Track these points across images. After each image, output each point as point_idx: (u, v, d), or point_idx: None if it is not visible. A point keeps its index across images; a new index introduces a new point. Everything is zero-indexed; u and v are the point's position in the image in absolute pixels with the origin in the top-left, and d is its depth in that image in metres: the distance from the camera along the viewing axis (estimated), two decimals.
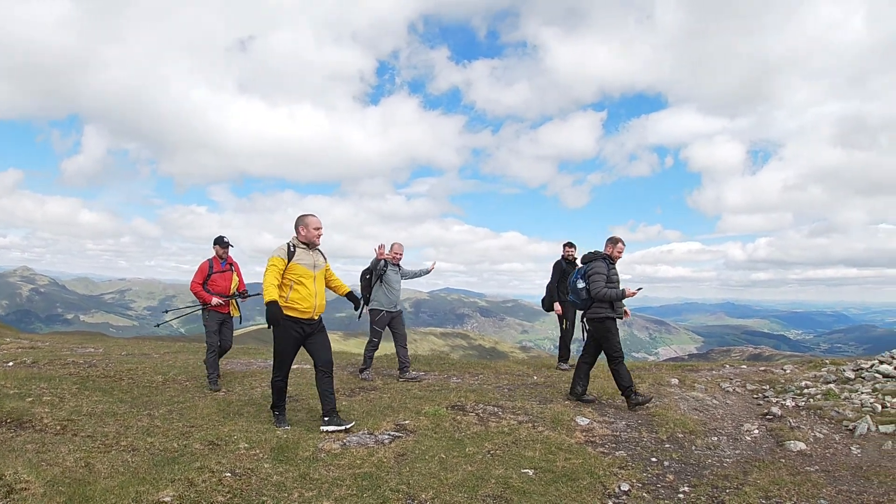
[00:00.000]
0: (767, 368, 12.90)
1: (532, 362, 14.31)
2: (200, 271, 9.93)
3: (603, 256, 9.08)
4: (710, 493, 5.70)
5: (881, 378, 10.21)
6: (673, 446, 7.16)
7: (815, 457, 6.98)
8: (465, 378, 10.93)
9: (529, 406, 8.51)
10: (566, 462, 6.27)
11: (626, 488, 5.75)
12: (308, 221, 7.28)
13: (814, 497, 5.65)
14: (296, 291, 7.09)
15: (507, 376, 11.21)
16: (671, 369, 12.76)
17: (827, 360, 12.62)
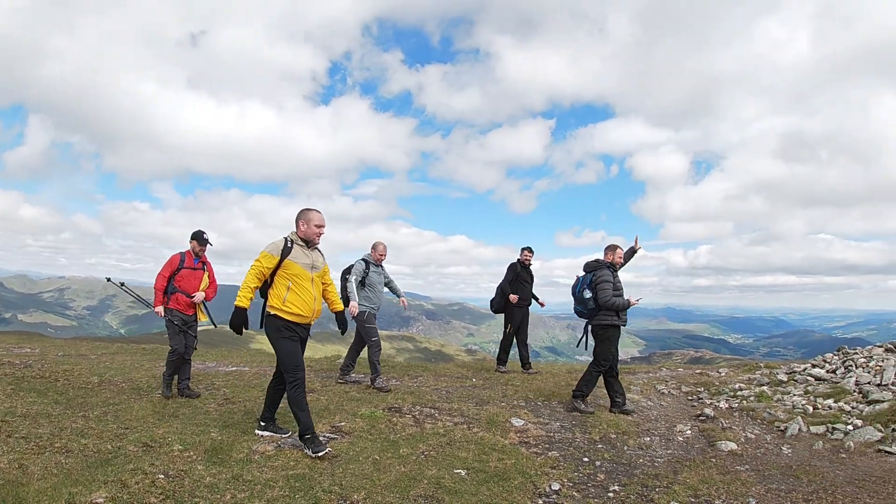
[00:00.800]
0: (703, 371, 13.16)
1: (473, 365, 14.41)
2: (169, 264, 8.98)
3: (607, 265, 9.09)
4: (640, 492, 5.79)
5: (813, 381, 10.52)
6: (605, 446, 7.26)
7: (746, 456, 7.14)
8: (405, 380, 10.93)
9: (466, 408, 8.55)
10: (499, 462, 6.31)
11: (556, 487, 5.79)
12: (310, 216, 6.59)
13: (743, 495, 5.77)
14: (293, 293, 6.43)
15: (447, 379, 11.25)
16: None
17: (761, 364, 12.92)
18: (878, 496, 5.80)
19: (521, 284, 11.95)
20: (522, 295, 11.94)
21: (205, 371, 11.36)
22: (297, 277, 6.44)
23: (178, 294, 8.94)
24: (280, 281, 6.44)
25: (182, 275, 8.96)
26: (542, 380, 11.21)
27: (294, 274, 6.43)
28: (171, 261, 9.00)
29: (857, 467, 6.72)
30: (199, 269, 9.15)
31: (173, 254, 9.14)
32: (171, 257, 9.07)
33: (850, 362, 10.88)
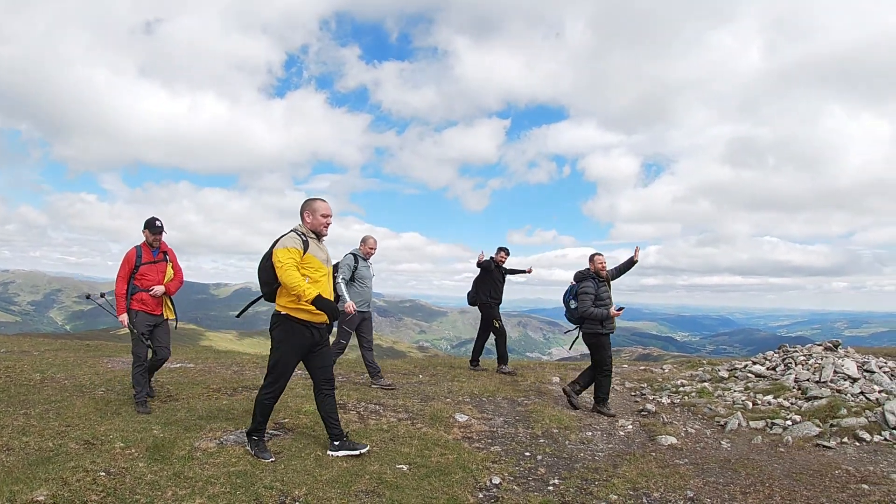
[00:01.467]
0: (647, 368, 13.36)
1: (422, 361, 14.41)
2: (125, 262, 7.97)
3: (591, 276, 9.28)
4: (580, 485, 5.87)
5: (753, 377, 10.79)
6: (547, 441, 7.35)
7: (686, 450, 7.30)
8: (351, 377, 10.91)
9: (411, 404, 8.57)
10: (441, 457, 6.35)
11: (497, 481, 5.83)
12: (315, 206, 6.22)
13: (681, 488, 5.87)
14: (317, 285, 6.03)
15: (393, 375, 11.26)
16: (555, 368, 13.11)
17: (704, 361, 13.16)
18: (814, 489, 5.95)
19: (495, 283, 11.97)
20: (495, 293, 11.91)
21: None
22: (316, 272, 6.08)
23: (142, 294, 7.98)
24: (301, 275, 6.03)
25: (142, 272, 8.00)
26: (487, 376, 11.29)
27: (315, 269, 6.08)
28: (127, 258, 8.00)
29: (795, 461, 6.90)
30: (160, 262, 8.18)
31: (128, 250, 8.11)
32: (127, 254, 8.04)
33: (790, 360, 11.19)
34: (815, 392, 9.20)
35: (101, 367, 10.57)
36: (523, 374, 11.58)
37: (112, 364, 11.50)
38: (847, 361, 10.28)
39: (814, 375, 9.96)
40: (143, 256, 8.03)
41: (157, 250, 8.17)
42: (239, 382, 9.82)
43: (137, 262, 7.98)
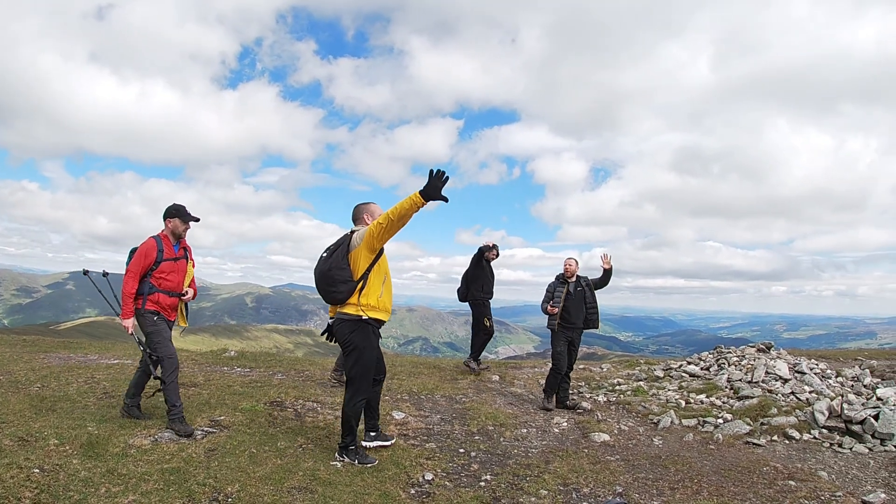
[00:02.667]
0: (587, 367, 13.55)
1: None
2: (142, 255, 6.58)
3: (557, 276, 10.04)
4: (511, 481, 5.97)
5: (688, 377, 11.08)
6: (482, 438, 7.45)
7: (618, 447, 7.48)
8: (291, 374, 10.82)
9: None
10: (375, 454, 6.41)
11: (429, 477, 5.91)
12: (373, 209, 6.31)
13: (610, 483, 6.04)
14: (387, 289, 6.23)
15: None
16: (496, 366, 13.22)
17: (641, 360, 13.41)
18: (742, 485, 6.15)
19: (486, 279, 11.98)
20: (487, 289, 11.94)
21: (86, 364, 10.91)
22: (387, 273, 6.24)
23: (159, 294, 6.71)
24: (376, 277, 6.09)
25: (162, 269, 6.68)
26: (427, 374, 11.34)
27: (386, 269, 6.22)
28: (145, 251, 6.61)
29: (725, 458, 7.12)
30: (181, 259, 6.90)
31: (144, 240, 6.74)
32: (144, 246, 6.64)
33: (724, 361, 11.55)
34: (747, 392, 9.47)
35: (38, 363, 10.35)
36: (463, 372, 11.65)
37: (49, 360, 11.26)
38: (779, 363, 10.59)
39: (746, 376, 10.25)
40: (164, 251, 6.70)
41: (178, 245, 6.90)
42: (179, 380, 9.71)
43: (158, 257, 6.65)
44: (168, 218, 6.78)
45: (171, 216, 6.77)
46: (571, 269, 9.84)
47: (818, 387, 9.75)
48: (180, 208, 6.81)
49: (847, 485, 6.50)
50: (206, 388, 9.05)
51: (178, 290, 6.85)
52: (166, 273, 6.68)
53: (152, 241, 6.65)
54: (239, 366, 11.08)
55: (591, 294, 9.87)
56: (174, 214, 6.77)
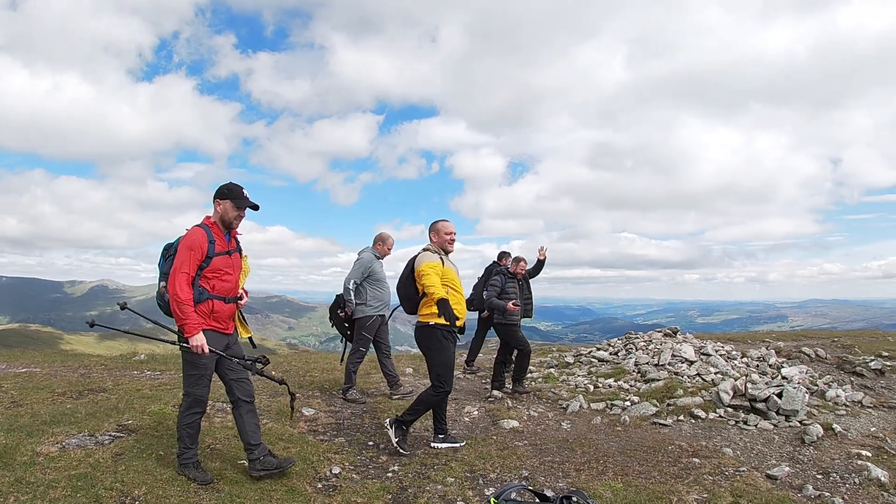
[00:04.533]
0: None
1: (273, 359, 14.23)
2: (192, 247, 5.16)
3: (502, 272, 10.22)
4: (419, 470, 6.06)
5: (597, 362, 11.42)
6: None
7: (527, 433, 7.64)
8: None
9: (258, 400, 8.37)
10: (284, 451, 6.37)
11: (336, 471, 5.93)
12: (439, 227, 6.97)
13: (517, 468, 6.19)
14: (453, 296, 6.72)
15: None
16: (409, 359, 13.26)
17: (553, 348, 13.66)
18: (646, 463, 6.39)
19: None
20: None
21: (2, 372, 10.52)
22: (455, 283, 6.85)
23: (214, 301, 5.35)
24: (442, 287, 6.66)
25: (215, 266, 5.31)
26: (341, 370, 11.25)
27: (451, 280, 6.79)
28: (193, 242, 5.18)
29: (631, 438, 7.39)
30: (234, 252, 5.54)
31: (190, 229, 5.32)
32: (190, 235, 5.22)
33: (632, 346, 11.98)
34: (654, 374, 9.80)
35: None
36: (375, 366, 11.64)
37: None
38: (685, 346, 10.97)
39: (653, 359, 10.61)
40: (216, 243, 5.32)
41: (229, 235, 5.53)
42: (85, 385, 9.41)
43: (210, 250, 5.26)
44: (218, 199, 5.40)
45: (221, 197, 5.38)
46: (523, 271, 10.33)
47: (723, 368, 10.13)
48: (234, 189, 5.40)
49: (752, 460, 6.80)
50: (115, 392, 8.84)
51: (235, 293, 5.57)
52: (220, 272, 5.34)
53: (200, 231, 5.24)
54: (149, 369, 10.86)
55: (528, 286, 10.53)
56: (226, 195, 5.38)
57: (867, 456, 6.80)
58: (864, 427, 8.06)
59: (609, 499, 5.40)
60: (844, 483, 6.14)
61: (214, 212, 5.41)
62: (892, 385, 10.50)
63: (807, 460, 6.78)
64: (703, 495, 5.58)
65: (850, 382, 10.41)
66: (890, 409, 8.95)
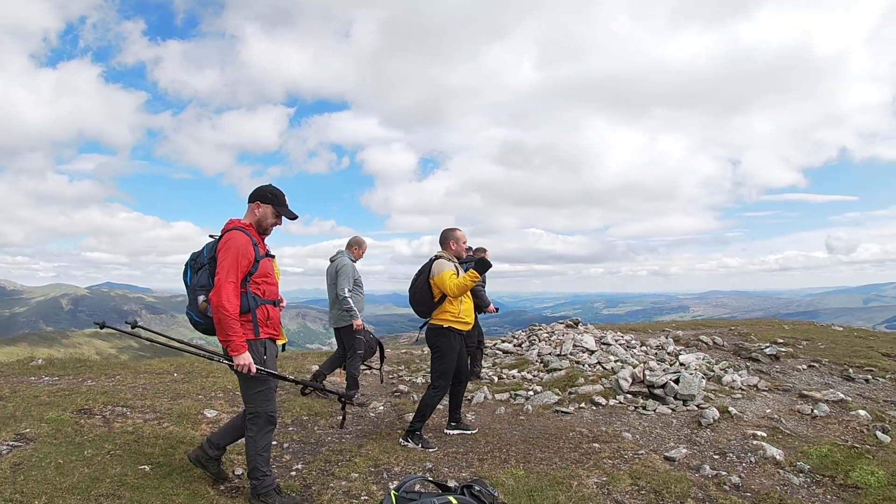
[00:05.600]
0: (408, 351, 13.84)
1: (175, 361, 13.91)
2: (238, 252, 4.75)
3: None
4: (322, 467, 6.04)
5: (502, 354, 11.64)
6: (296, 428, 7.44)
7: (431, 426, 7.70)
8: (101, 380, 10.26)
9: (159, 403, 8.25)
10: (185, 455, 6.18)
11: (239, 472, 5.81)
12: (458, 235, 7.25)
13: (421, 461, 6.26)
14: (466, 304, 7.13)
15: (146, 375, 10.74)
16: (317, 357, 13.16)
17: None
18: (548, 450, 6.59)
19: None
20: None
21: None
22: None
23: (268, 307, 5.07)
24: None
25: (263, 270, 4.98)
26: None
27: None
28: (241, 247, 4.78)
29: (534, 427, 7.60)
30: (271, 257, 5.24)
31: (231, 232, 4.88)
32: (236, 239, 4.80)
33: (535, 337, 12.32)
34: (556, 364, 10.04)
35: None
36: (282, 365, 11.51)
37: None
38: (586, 336, 11.29)
39: (555, 350, 10.87)
40: (259, 246, 5.01)
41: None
42: None
43: (256, 254, 4.91)
44: (259, 202, 5.07)
45: (263, 200, 5.07)
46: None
47: (623, 356, 10.44)
48: (279, 195, 5.11)
49: (650, 443, 7.09)
50: (12, 400, 8.50)
51: (278, 297, 5.27)
52: (269, 276, 5.06)
53: (244, 235, 4.85)
54: (47, 374, 10.47)
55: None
56: (268, 200, 5.07)
57: (762, 436, 7.22)
58: (759, 409, 8.48)
59: (511, 486, 5.51)
60: (741, 462, 6.49)
61: (250, 214, 5.09)
62: (787, 369, 11.07)
63: (704, 442, 7.13)
64: (602, 479, 5.77)
65: (746, 368, 10.92)
66: (784, 392, 9.43)
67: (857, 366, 11.24)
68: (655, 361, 10.48)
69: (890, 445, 6.99)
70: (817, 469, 6.28)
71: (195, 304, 4.88)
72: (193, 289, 4.91)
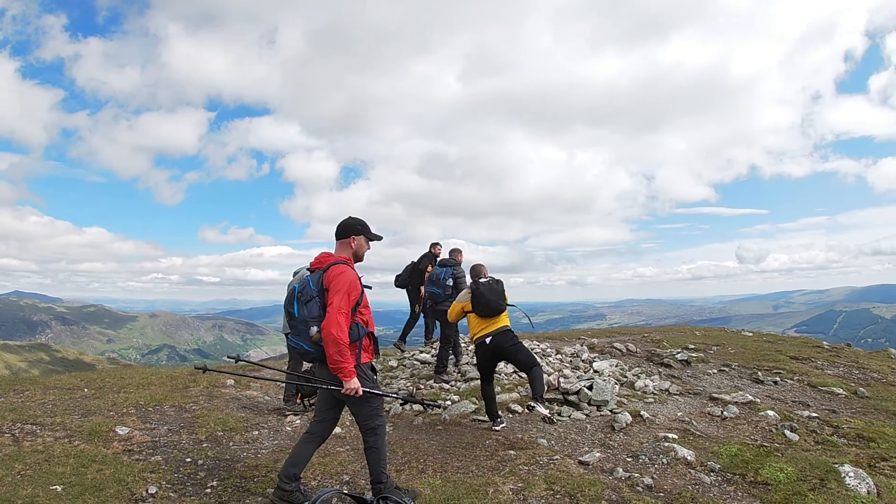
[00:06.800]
0: None
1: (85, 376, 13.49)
2: (352, 286, 5.12)
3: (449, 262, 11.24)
4: (238, 484, 5.95)
5: (419, 364, 11.73)
6: (211, 445, 7.27)
7: (349, 438, 7.71)
8: (9, 396, 9.87)
9: (70, 420, 7.99)
10: (98, 473, 6.06)
11: (153, 491, 5.71)
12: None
13: (338, 473, 6.29)
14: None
15: (56, 391, 10.35)
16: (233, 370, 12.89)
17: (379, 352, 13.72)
18: (465, 459, 6.70)
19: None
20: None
21: None
22: None
23: (370, 336, 5.40)
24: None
25: (365, 301, 5.33)
26: (158, 384, 10.82)
27: None
28: (353, 281, 5.15)
29: (451, 436, 7.69)
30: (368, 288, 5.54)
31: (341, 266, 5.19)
32: (348, 274, 5.15)
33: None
34: (474, 374, 10.19)
35: None
36: (196, 379, 11.27)
37: None
38: None
39: (472, 359, 10.95)
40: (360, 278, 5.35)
41: None
42: None
43: (362, 289, 5.30)
44: (352, 235, 5.41)
45: (356, 233, 5.42)
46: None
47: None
48: (365, 224, 5.49)
49: (565, 448, 7.27)
50: None
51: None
52: (368, 307, 5.42)
53: (352, 270, 5.27)
54: None
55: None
56: (360, 231, 5.44)
57: (674, 438, 7.48)
58: (670, 412, 8.79)
59: (428, 496, 5.59)
60: (653, 464, 6.72)
61: (346, 247, 5.42)
62: (698, 374, 11.51)
63: (617, 445, 7.35)
64: (518, 485, 5.91)
65: (658, 373, 11.29)
66: (695, 396, 9.81)
67: (766, 369, 11.77)
68: (570, 369, 10.75)
69: (798, 443, 7.38)
70: (728, 468, 6.55)
71: (306, 334, 5.13)
72: (304, 320, 5.15)
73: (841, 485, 5.92)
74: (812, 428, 8.11)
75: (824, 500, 5.61)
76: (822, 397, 10.06)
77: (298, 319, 5.19)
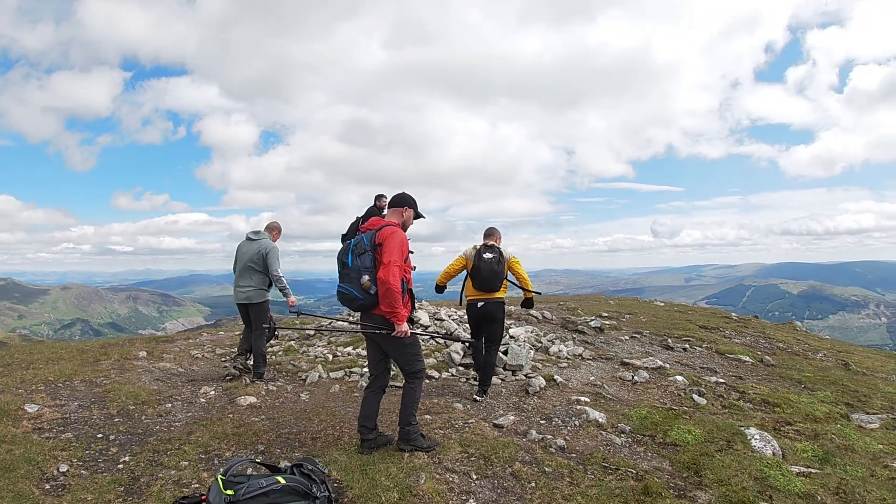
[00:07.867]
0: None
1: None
2: (404, 244, 5.87)
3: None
4: (151, 458, 5.89)
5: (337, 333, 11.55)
6: (122, 419, 7.15)
7: (265, 407, 7.71)
8: None
9: None
10: (7, 454, 5.90)
11: (64, 469, 5.62)
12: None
13: (253, 444, 6.28)
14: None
15: None
16: (144, 342, 12.68)
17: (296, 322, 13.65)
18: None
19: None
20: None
21: None
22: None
23: (410, 293, 6.15)
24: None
25: (409, 263, 6.09)
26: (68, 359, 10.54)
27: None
28: (404, 240, 5.88)
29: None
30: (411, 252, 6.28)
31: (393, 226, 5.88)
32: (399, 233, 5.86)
33: None
34: None
35: None
36: (107, 352, 11.00)
37: None
38: (420, 312, 11.68)
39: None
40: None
41: None
42: None
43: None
44: (406, 206, 6.19)
45: (409, 206, 6.20)
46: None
47: (455, 331, 10.72)
48: (416, 201, 6.29)
49: (480, 412, 7.42)
50: None
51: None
52: (409, 268, 6.09)
53: (402, 231, 5.99)
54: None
55: None
56: (412, 205, 6.22)
57: (586, 401, 7.75)
58: (583, 377, 9.07)
59: (344, 462, 5.66)
60: (566, 426, 6.94)
61: (398, 215, 6.13)
62: (610, 340, 11.93)
63: (531, 409, 7.55)
64: None
65: (572, 339, 11.59)
66: (607, 361, 10.15)
67: (676, 336, 12.22)
68: None
69: (706, 407, 7.71)
70: (638, 430, 6.82)
71: (357, 282, 5.74)
72: (357, 269, 5.76)
73: (747, 446, 6.20)
74: (719, 393, 8.46)
75: (731, 461, 5.86)
76: (729, 364, 10.51)
77: (351, 268, 5.77)
